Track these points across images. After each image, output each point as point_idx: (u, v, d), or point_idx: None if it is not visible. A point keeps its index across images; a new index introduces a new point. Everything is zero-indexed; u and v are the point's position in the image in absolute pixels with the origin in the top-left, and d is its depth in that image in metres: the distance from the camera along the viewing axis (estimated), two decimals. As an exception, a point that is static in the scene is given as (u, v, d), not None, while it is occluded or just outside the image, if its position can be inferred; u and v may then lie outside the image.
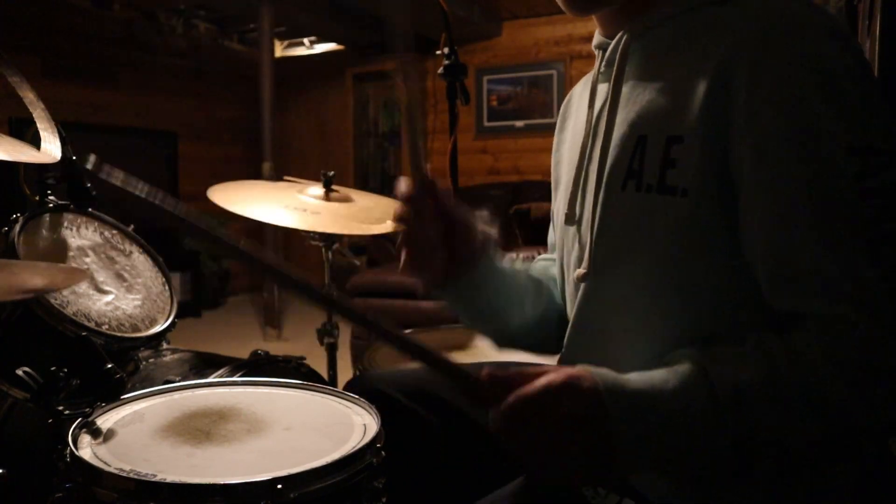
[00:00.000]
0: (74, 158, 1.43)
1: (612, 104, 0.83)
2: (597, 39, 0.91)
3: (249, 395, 1.03)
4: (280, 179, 1.83)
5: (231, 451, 0.84)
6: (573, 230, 0.88)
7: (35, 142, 1.16)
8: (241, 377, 1.22)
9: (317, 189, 1.70)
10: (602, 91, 0.87)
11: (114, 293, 1.42)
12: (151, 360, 1.44)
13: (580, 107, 0.95)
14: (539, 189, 4.57)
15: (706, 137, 0.71)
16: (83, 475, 0.78)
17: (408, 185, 0.84)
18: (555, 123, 1.05)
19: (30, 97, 1.20)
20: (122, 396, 0.98)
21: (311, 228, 1.63)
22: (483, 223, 0.92)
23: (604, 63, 0.88)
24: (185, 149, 5.81)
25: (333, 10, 5.00)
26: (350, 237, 4.19)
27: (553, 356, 0.95)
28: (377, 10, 5.07)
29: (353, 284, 3.83)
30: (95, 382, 0.96)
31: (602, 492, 0.79)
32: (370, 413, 0.94)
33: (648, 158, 0.76)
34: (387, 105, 6.37)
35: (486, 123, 5.86)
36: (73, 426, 0.87)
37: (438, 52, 1.63)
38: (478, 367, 0.67)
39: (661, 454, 0.64)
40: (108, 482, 0.76)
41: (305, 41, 6.10)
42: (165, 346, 1.50)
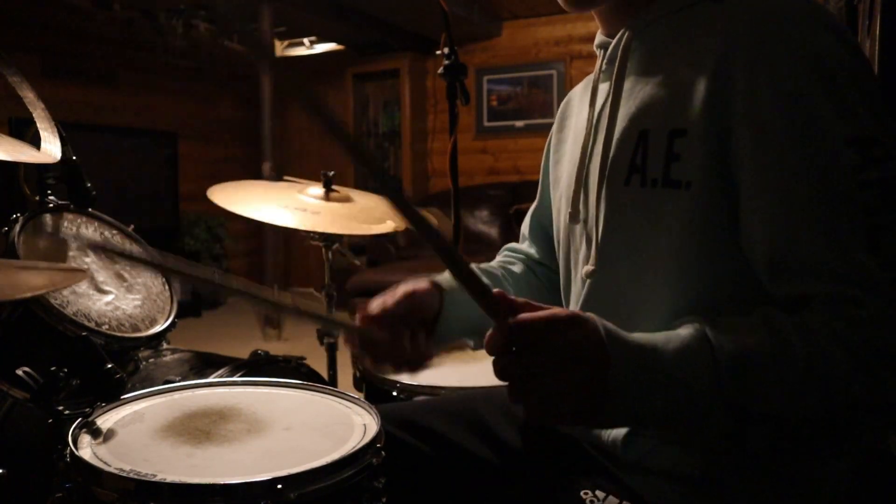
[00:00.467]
0: (75, 158, 1.43)
1: (614, 100, 0.83)
2: (598, 39, 0.91)
3: (249, 395, 1.03)
4: (280, 179, 1.83)
5: (231, 451, 0.84)
6: (579, 228, 0.88)
7: (35, 142, 1.16)
8: (241, 377, 1.22)
9: (317, 189, 1.70)
10: (603, 90, 0.87)
11: (114, 293, 1.42)
12: (151, 360, 1.44)
13: (581, 107, 0.96)
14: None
15: (708, 130, 0.71)
16: (83, 475, 0.78)
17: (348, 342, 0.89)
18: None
19: (30, 97, 1.20)
20: (122, 396, 0.98)
21: (312, 228, 1.63)
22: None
23: (605, 61, 0.88)
24: (185, 149, 5.81)
25: (333, 10, 5.01)
26: (350, 237, 4.19)
27: None
28: (377, 10, 5.08)
29: (353, 284, 3.83)
30: (95, 382, 0.96)
31: (601, 495, 0.79)
32: (370, 413, 0.94)
33: (651, 153, 0.76)
34: (387, 105, 6.37)
35: (486, 123, 5.86)
36: (73, 426, 0.87)
37: (438, 52, 1.63)
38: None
39: (653, 409, 0.64)
40: (108, 482, 0.76)
41: (305, 41, 6.10)
42: (165, 346, 1.50)
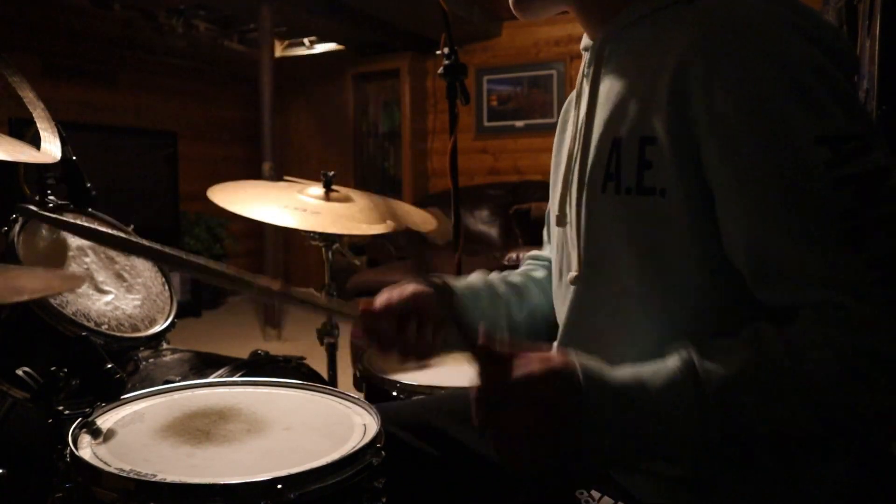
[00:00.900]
0: (74, 158, 1.43)
1: (590, 106, 0.83)
2: (584, 41, 0.92)
3: (249, 395, 1.03)
4: (280, 179, 1.83)
5: (231, 451, 0.84)
6: (566, 232, 0.89)
7: (35, 142, 1.16)
8: (241, 377, 1.22)
9: (317, 189, 1.70)
10: (585, 93, 0.87)
11: (114, 293, 1.42)
12: (151, 360, 1.44)
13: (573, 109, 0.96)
14: (539, 189, 4.57)
15: (675, 137, 0.71)
16: (83, 475, 0.78)
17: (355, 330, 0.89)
18: (555, 123, 1.05)
19: (30, 97, 1.20)
20: (122, 396, 0.98)
21: (311, 228, 1.63)
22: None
23: (586, 64, 0.88)
24: (185, 149, 5.81)
25: (333, 10, 5.00)
26: (350, 237, 4.19)
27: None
28: (377, 10, 5.08)
29: (353, 284, 3.83)
30: (95, 382, 0.96)
31: (596, 495, 0.79)
32: (370, 413, 0.94)
33: (624, 160, 0.76)
34: (387, 105, 6.36)
35: (486, 123, 5.86)
36: (73, 426, 0.87)
37: (438, 52, 1.63)
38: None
39: (642, 445, 0.65)
40: (108, 482, 0.76)
41: (305, 41, 6.10)
42: (165, 346, 1.50)
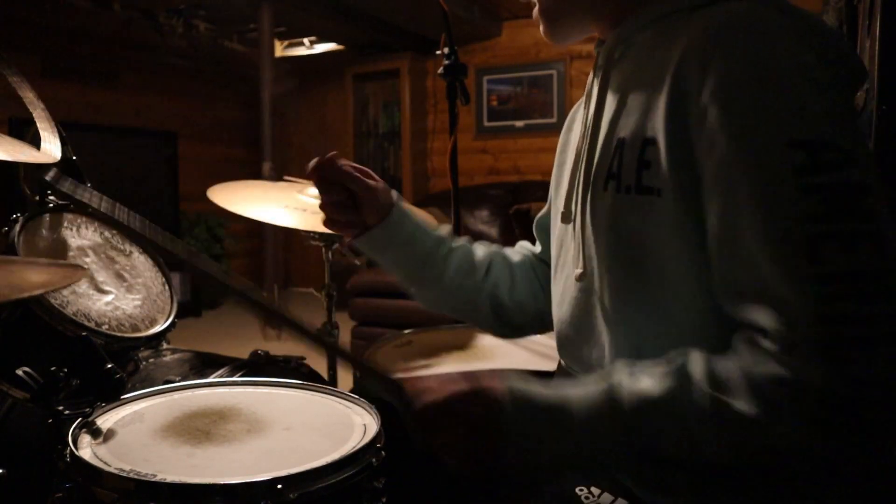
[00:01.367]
0: (74, 158, 1.43)
1: (598, 108, 0.85)
2: (598, 41, 0.93)
3: (249, 395, 1.03)
4: (280, 179, 1.83)
5: (231, 451, 0.84)
6: (570, 229, 0.90)
7: (35, 142, 1.16)
8: (241, 377, 1.22)
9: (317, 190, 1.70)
10: (594, 94, 0.89)
11: (114, 293, 1.42)
12: (151, 360, 1.44)
13: (582, 109, 0.97)
14: (539, 189, 4.57)
15: (672, 138, 0.71)
16: (83, 475, 0.78)
17: (311, 166, 0.99)
18: (554, 123, 1.06)
19: (30, 97, 1.20)
20: (122, 396, 0.98)
21: (312, 229, 1.63)
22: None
23: (597, 65, 0.91)
24: (185, 149, 5.81)
25: (333, 10, 5.00)
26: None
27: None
28: (377, 10, 5.08)
29: (353, 284, 3.83)
30: (95, 382, 0.96)
31: (596, 492, 0.80)
32: (370, 413, 0.94)
33: (626, 160, 0.77)
34: (387, 105, 6.37)
35: (486, 123, 5.86)
36: (73, 426, 0.87)
37: (438, 52, 1.63)
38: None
39: (565, 462, 0.69)
40: (108, 482, 0.76)
41: (305, 41, 6.10)
42: (165, 346, 1.50)
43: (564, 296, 0.90)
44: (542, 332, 1.12)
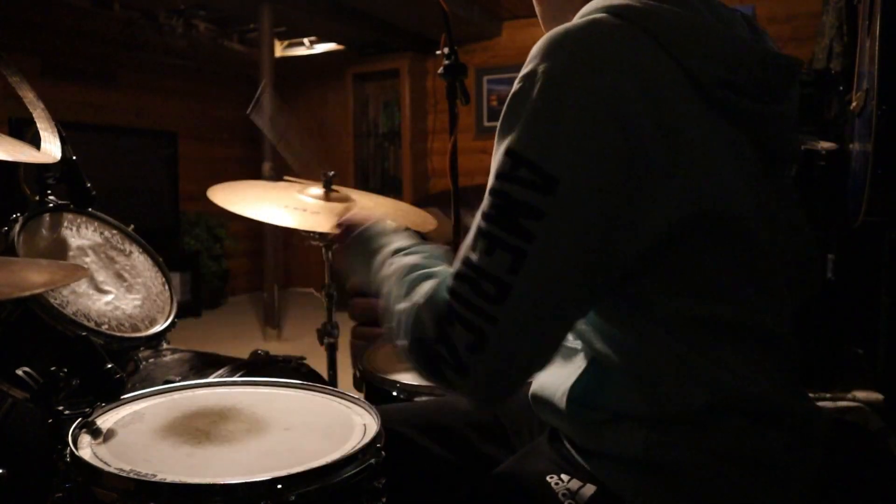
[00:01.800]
0: (74, 158, 1.43)
1: None
2: None
3: (249, 395, 1.03)
4: (280, 179, 1.83)
5: (231, 451, 0.84)
6: None
7: (35, 142, 1.16)
8: (241, 377, 1.22)
9: (317, 189, 1.70)
10: None
11: (114, 293, 1.42)
12: (151, 360, 1.44)
13: None
14: (539, 189, 4.55)
15: None
16: (83, 475, 0.78)
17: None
18: None
19: (30, 97, 1.20)
20: (122, 396, 0.98)
21: (312, 228, 1.63)
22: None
23: None
24: (185, 149, 5.81)
25: (333, 10, 5.00)
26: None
27: None
28: (377, 10, 5.08)
29: (353, 284, 3.83)
30: (95, 382, 0.95)
31: (566, 478, 0.82)
32: (370, 413, 0.94)
33: None
34: (387, 105, 6.37)
35: (486, 123, 5.87)
36: (73, 426, 0.87)
37: (438, 52, 1.63)
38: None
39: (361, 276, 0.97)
40: (108, 482, 0.76)
41: (305, 41, 6.10)
42: (165, 346, 1.50)
43: None
44: None
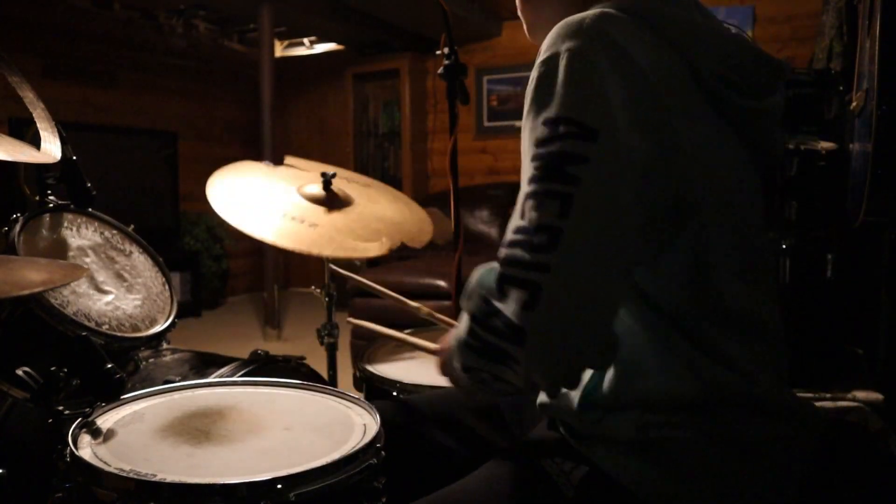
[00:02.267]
0: (74, 158, 1.43)
1: None
2: None
3: (249, 395, 1.03)
4: (281, 163, 1.81)
5: (231, 451, 0.84)
6: None
7: (35, 142, 1.16)
8: (241, 377, 1.22)
9: (316, 187, 1.68)
10: None
11: (114, 293, 1.42)
12: (151, 360, 1.44)
13: None
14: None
15: None
16: (83, 475, 0.79)
17: None
18: None
19: (30, 97, 1.20)
20: (122, 396, 0.98)
21: (308, 250, 1.58)
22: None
23: None
24: (185, 149, 5.81)
25: (333, 10, 5.01)
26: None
27: None
28: (377, 10, 5.08)
29: (353, 284, 3.83)
30: (95, 382, 0.95)
31: (559, 460, 0.84)
32: (370, 413, 0.94)
33: None
34: (387, 105, 6.37)
35: (486, 123, 5.86)
36: (73, 426, 0.87)
37: (438, 52, 1.63)
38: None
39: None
40: (108, 482, 0.76)
41: (305, 41, 6.10)
42: (165, 346, 1.50)
43: None
44: None
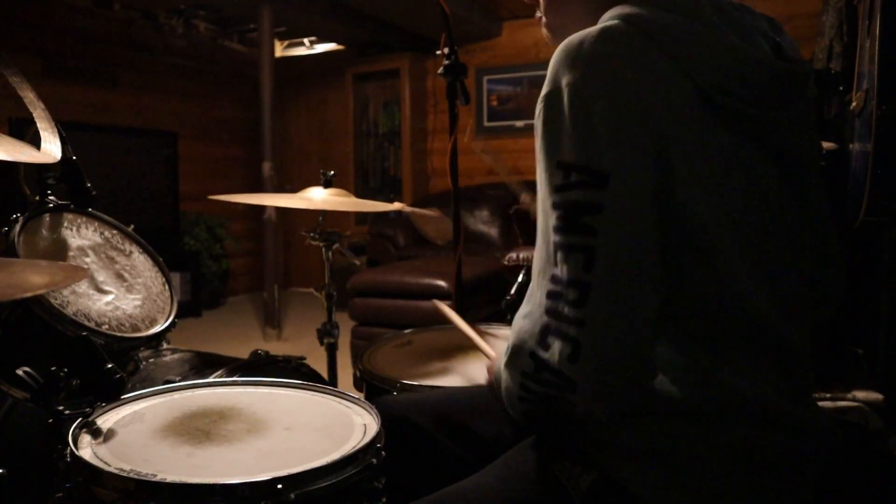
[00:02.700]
0: (74, 158, 1.43)
1: None
2: None
3: (249, 395, 1.03)
4: (281, 189, 1.83)
5: (231, 451, 0.84)
6: None
7: (35, 142, 1.16)
8: (241, 377, 1.22)
9: (317, 189, 1.70)
10: None
11: (114, 293, 1.42)
12: (151, 360, 1.44)
13: None
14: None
15: None
16: (83, 475, 0.79)
17: None
18: None
19: (30, 97, 1.20)
20: (122, 396, 0.99)
21: (321, 207, 1.62)
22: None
23: None
24: (185, 149, 5.81)
25: (333, 10, 5.00)
26: (350, 237, 4.18)
27: None
28: (377, 10, 5.08)
29: (353, 284, 3.83)
30: (95, 382, 0.96)
31: (568, 465, 0.83)
32: (370, 413, 0.94)
33: None
34: (387, 105, 6.37)
35: (486, 123, 5.86)
36: (73, 426, 0.87)
37: (438, 52, 1.63)
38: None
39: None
40: (108, 482, 0.76)
41: (305, 41, 6.10)
42: (165, 346, 1.50)
43: None
44: None
